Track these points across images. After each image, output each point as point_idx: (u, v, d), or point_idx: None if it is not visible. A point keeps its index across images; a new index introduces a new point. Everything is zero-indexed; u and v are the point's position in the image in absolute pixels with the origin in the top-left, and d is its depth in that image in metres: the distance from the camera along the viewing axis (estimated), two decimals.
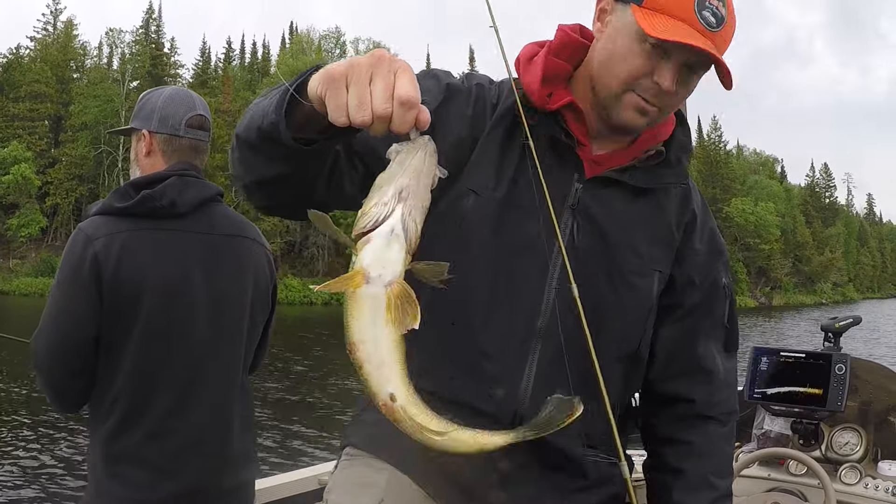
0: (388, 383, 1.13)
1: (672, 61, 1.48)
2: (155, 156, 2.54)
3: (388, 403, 1.14)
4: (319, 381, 18.69)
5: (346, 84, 1.11)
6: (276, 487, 3.22)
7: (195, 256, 2.46)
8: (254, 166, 1.37)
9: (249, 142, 1.33)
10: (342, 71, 1.12)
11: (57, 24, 70.82)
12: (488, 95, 1.64)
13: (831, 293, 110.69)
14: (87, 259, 2.31)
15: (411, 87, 1.10)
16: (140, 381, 2.37)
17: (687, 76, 1.52)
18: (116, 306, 2.34)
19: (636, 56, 1.49)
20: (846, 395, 3.17)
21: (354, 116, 1.10)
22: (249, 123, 1.32)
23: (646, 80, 1.50)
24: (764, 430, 3.42)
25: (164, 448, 2.38)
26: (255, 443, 2.72)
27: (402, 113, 1.10)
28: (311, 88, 1.16)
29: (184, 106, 2.56)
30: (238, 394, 2.58)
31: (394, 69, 1.11)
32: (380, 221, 1.09)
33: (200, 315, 2.45)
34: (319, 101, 1.15)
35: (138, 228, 2.38)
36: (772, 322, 52.08)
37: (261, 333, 2.71)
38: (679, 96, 1.55)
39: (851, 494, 3.09)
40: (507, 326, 1.57)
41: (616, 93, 1.54)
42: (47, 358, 2.36)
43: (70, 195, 61.16)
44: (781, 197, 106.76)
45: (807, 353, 3.31)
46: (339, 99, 1.11)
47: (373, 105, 1.09)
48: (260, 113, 1.29)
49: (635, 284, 1.64)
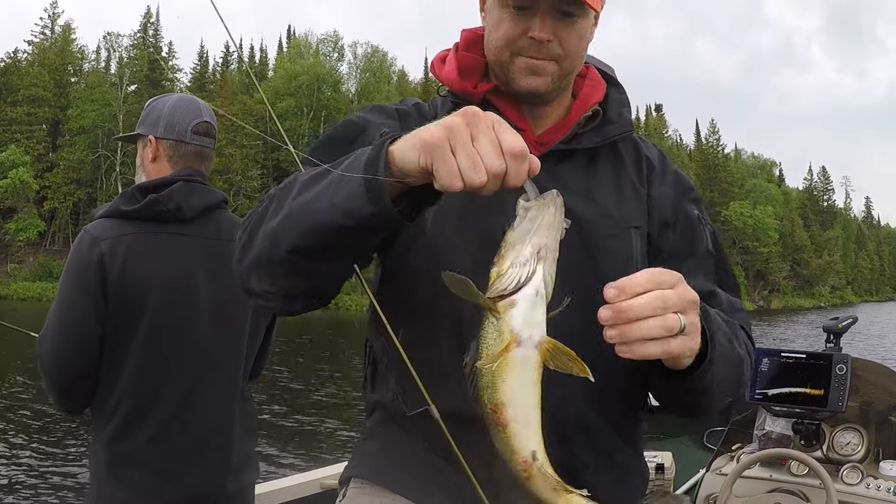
0: (530, 442, 1.14)
1: (538, 13, 1.50)
2: (161, 161, 2.55)
3: (529, 461, 1.14)
4: (320, 384, 18.68)
5: (452, 148, 1.10)
6: (277, 491, 3.22)
7: (200, 260, 2.48)
8: (314, 272, 1.34)
9: (315, 247, 1.28)
10: (442, 135, 1.11)
11: (55, 28, 70.92)
12: (427, 111, 1.68)
13: (829, 296, 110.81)
14: (92, 261, 2.33)
15: (517, 139, 1.11)
16: (144, 383, 2.38)
17: (563, 21, 1.52)
18: (121, 308, 2.35)
19: (504, 21, 1.53)
20: (847, 396, 3.18)
21: (471, 179, 1.09)
22: (307, 229, 1.26)
23: (523, 39, 1.53)
24: (765, 431, 3.44)
25: (167, 451, 2.40)
26: (256, 446, 2.73)
27: (517, 166, 1.10)
28: (408, 161, 1.15)
29: (190, 113, 2.58)
30: (239, 398, 2.59)
31: (490, 123, 1.11)
32: (522, 283, 1.10)
33: (204, 318, 2.47)
34: (421, 172, 1.14)
35: (144, 231, 2.40)
36: (771, 326, 51.98)
37: (263, 339, 2.73)
38: (569, 44, 1.55)
39: (853, 494, 3.11)
40: None
41: (505, 61, 1.56)
42: (53, 359, 2.37)
43: (68, 199, 61.18)
44: (779, 200, 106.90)
45: (808, 354, 3.32)
46: (449, 164, 1.10)
47: (486, 164, 1.09)
48: (316, 216, 1.25)
49: (611, 248, 1.58)
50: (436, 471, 1.54)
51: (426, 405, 1.35)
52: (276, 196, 1.36)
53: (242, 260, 1.39)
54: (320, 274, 1.36)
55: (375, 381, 1.67)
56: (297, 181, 1.34)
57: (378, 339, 1.62)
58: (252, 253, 1.36)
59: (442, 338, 1.50)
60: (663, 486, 3.58)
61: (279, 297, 1.41)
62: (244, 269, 1.39)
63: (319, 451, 11.86)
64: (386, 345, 1.52)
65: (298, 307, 1.46)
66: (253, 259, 1.36)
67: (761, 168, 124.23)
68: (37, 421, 12.98)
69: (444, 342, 1.49)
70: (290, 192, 1.33)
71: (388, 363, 1.59)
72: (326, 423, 14.10)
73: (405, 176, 1.16)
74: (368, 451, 1.69)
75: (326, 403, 16.23)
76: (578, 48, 1.57)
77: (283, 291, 1.39)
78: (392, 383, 1.59)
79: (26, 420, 13.22)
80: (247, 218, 1.43)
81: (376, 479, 1.63)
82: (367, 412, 1.75)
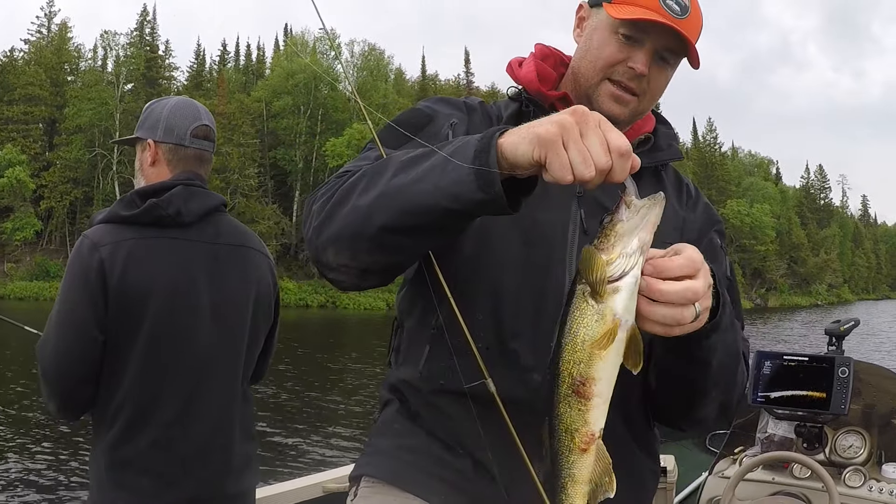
0: (602, 419, 1.24)
1: (644, 48, 1.60)
2: (160, 165, 2.55)
3: (595, 436, 1.24)
4: (320, 385, 18.66)
5: (564, 144, 1.19)
6: (279, 495, 3.21)
7: (200, 264, 2.47)
8: (400, 248, 1.43)
9: (411, 226, 1.37)
10: (556, 131, 1.19)
11: (51, 27, 70.93)
12: (492, 111, 1.77)
13: (826, 294, 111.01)
14: (93, 266, 2.32)
15: (623, 139, 1.20)
16: (145, 388, 2.37)
17: (660, 65, 1.64)
18: (122, 313, 2.34)
19: (610, 45, 1.62)
20: (850, 399, 3.18)
21: (581, 173, 1.18)
22: (405, 208, 1.35)
23: (621, 66, 1.62)
24: (768, 434, 3.43)
25: (169, 456, 2.39)
26: (256, 449, 2.72)
27: (622, 163, 1.19)
28: (521, 153, 1.23)
29: (189, 116, 2.57)
30: (240, 400, 2.59)
31: (597, 122, 1.20)
32: (626, 272, 1.19)
33: (205, 322, 2.46)
34: (533, 164, 1.23)
35: (144, 237, 2.39)
36: (768, 325, 52.07)
37: (264, 342, 2.72)
38: (654, 85, 1.66)
39: (856, 497, 3.10)
40: (536, 313, 1.58)
41: (595, 82, 1.65)
42: (54, 366, 2.35)
43: (65, 198, 61.08)
44: (777, 199, 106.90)
45: (810, 357, 3.32)
46: (561, 158, 1.19)
47: (595, 160, 1.18)
48: (419, 197, 1.33)
49: None
50: (449, 467, 1.58)
51: (482, 379, 1.50)
52: (365, 175, 1.43)
53: (321, 233, 1.45)
54: (404, 251, 1.46)
55: (407, 356, 1.70)
56: (390, 163, 1.42)
57: (424, 316, 1.67)
58: (334, 227, 1.43)
59: (480, 317, 1.58)
60: (665, 489, 3.57)
61: (355, 272, 1.48)
62: (321, 242, 1.46)
63: (321, 454, 11.83)
64: (443, 320, 1.59)
65: (370, 283, 1.54)
66: (335, 233, 1.43)
67: (758, 166, 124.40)
68: (35, 423, 12.94)
69: (482, 322, 1.58)
70: (383, 172, 1.40)
71: (441, 336, 1.62)
72: (329, 426, 14.07)
73: (514, 167, 1.25)
74: (381, 447, 1.71)
75: (328, 406, 16.20)
76: (659, 91, 1.69)
77: (363, 266, 1.46)
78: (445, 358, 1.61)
79: (26, 421, 13.18)
80: (323, 193, 1.49)
81: (389, 479, 1.64)
82: (381, 405, 1.78)
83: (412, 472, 1.61)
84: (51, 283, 55.38)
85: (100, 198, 61.00)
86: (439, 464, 1.60)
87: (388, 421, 1.71)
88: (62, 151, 62.70)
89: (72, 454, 11.07)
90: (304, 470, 9.53)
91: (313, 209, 1.49)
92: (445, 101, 1.77)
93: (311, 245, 1.48)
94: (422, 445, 1.63)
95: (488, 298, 1.59)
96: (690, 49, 1.61)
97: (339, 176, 1.52)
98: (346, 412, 15.41)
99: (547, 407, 1.25)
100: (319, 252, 1.47)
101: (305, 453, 11.88)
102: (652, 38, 1.60)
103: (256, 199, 63.26)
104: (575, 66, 1.71)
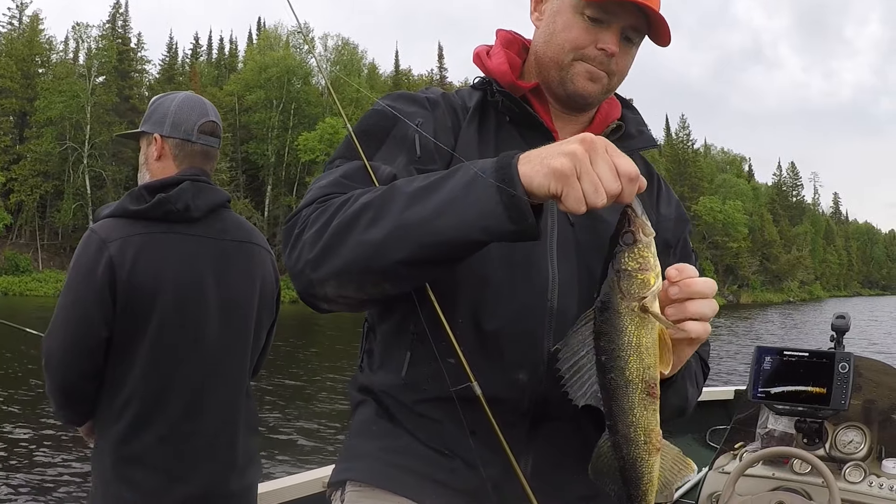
0: None
1: (612, 28, 1.59)
2: (166, 160, 2.54)
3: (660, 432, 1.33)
4: (321, 381, 18.54)
5: (578, 176, 1.21)
6: (279, 490, 3.18)
7: (207, 260, 2.46)
8: (412, 279, 1.41)
9: (431, 258, 1.34)
10: (570, 165, 1.21)
11: (23, 19, 69.77)
12: (455, 100, 1.73)
13: (798, 291, 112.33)
14: (101, 262, 2.29)
15: (630, 163, 1.23)
16: (153, 383, 2.36)
17: (625, 45, 1.63)
18: (130, 309, 2.32)
19: (576, 27, 1.61)
20: (850, 394, 3.21)
21: (594, 202, 1.21)
22: (427, 242, 1.32)
23: (590, 48, 1.61)
24: (768, 430, 3.45)
25: (177, 451, 2.38)
26: (259, 444, 2.72)
27: (631, 188, 1.23)
28: (538, 186, 1.24)
29: (196, 112, 2.56)
30: (244, 396, 2.59)
31: (604, 148, 1.23)
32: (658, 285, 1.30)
33: (212, 318, 2.45)
34: (548, 197, 1.25)
35: (152, 232, 2.38)
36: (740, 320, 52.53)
37: (264, 337, 2.72)
38: (622, 64, 1.65)
39: (856, 493, 3.12)
40: (521, 309, 1.55)
41: (565, 63, 1.64)
42: (59, 360, 2.33)
43: (35, 192, 60.15)
44: (749, 195, 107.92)
45: (810, 352, 3.34)
46: (576, 192, 1.21)
47: (605, 188, 1.21)
48: (444, 231, 1.30)
49: None
50: (439, 467, 1.55)
51: (467, 383, 1.49)
52: (368, 205, 1.36)
53: (319, 267, 1.38)
54: (415, 280, 1.43)
55: (385, 361, 1.65)
56: (396, 193, 1.36)
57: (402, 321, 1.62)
58: (338, 261, 1.36)
59: (460, 320, 1.55)
60: None
61: (355, 303, 1.45)
62: (320, 276, 1.39)
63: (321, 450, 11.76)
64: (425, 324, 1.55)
65: (367, 308, 1.56)
66: (339, 267, 1.37)
67: (731, 163, 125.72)
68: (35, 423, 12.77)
69: (464, 324, 1.55)
70: (391, 203, 1.35)
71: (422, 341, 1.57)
72: (328, 422, 13.98)
73: (528, 196, 1.26)
74: (362, 450, 1.65)
75: (328, 402, 16.11)
76: (626, 70, 1.70)
77: (365, 297, 1.43)
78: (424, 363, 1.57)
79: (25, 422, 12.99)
80: (313, 221, 1.42)
81: (377, 482, 1.59)
82: (353, 405, 1.73)
83: (401, 474, 1.57)
84: (20, 278, 54.68)
85: (70, 191, 60.27)
86: (429, 465, 1.56)
87: (366, 422, 1.66)
88: (32, 144, 61.74)
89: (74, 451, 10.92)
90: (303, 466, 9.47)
91: (303, 239, 1.41)
92: (407, 98, 1.70)
93: (304, 278, 1.40)
94: (407, 447, 1.58)
95: (469, 300, 1.55)
96: (662, 24, 1.59)
97: (323, 201, 1.45)
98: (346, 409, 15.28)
99: (612, 421, 1.30)
100: (316, 285, 1.40)
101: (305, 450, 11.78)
102: (619, 18, 1.59)
103: (228, 193, 62.77)
104: (539, 52, 1.69)
